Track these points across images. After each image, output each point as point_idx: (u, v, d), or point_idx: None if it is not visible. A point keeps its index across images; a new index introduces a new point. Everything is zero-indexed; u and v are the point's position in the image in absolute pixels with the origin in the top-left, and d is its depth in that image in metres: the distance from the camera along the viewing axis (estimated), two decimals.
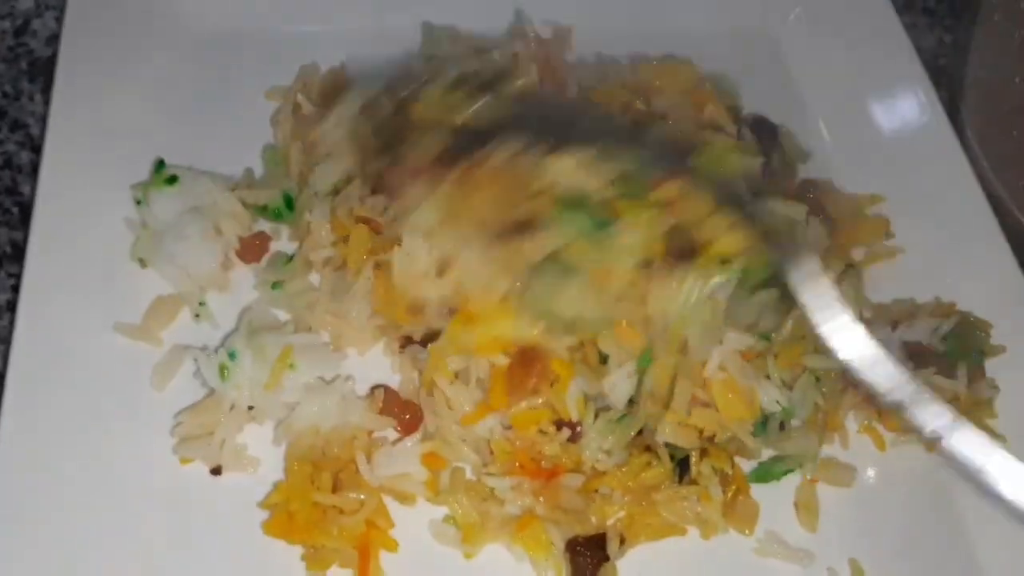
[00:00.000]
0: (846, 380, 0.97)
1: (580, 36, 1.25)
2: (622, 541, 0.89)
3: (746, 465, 0.95)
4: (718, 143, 0.94)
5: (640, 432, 0.89)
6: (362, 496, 0.87)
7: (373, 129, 0.86)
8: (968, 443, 0.73)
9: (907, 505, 0.98)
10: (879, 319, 1.04)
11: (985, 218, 1.12)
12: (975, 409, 0.98)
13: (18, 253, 1.06)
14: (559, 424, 0.89)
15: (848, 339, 0.78)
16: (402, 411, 0.93)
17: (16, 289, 1.03)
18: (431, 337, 0.93)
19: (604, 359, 0.88)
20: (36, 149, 1.13)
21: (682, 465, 0.90)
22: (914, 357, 1.00)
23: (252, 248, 1.02)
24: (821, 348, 0.83)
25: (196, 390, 0.95)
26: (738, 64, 1.26)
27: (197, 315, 0.99)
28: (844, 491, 0.97)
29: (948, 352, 1.00)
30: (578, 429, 0.89)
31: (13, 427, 0.89)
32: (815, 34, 1.32)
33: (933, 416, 0.74)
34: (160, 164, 1.01)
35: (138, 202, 0.99)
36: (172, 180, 0.99)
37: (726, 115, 1.09)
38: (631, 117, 0.97)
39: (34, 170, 1.11)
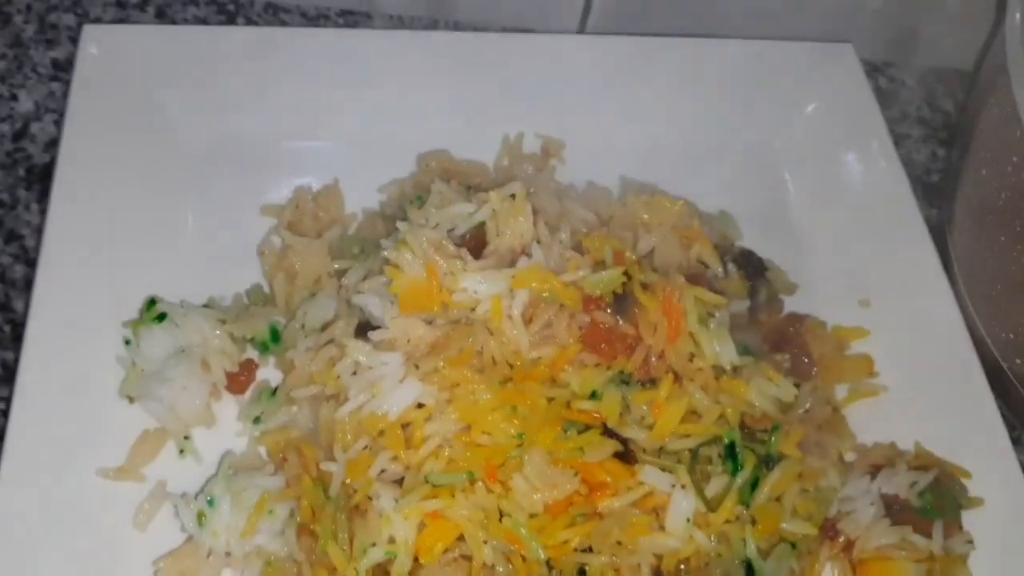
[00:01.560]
0: (824, 533, 0.99)
1: (572, 149, 1.28)
2: None
3: None
4: None
5: None
6: None
7: None
8: None
9: None
10: (860, 465, 1.05)
11: (969, 362, 1.12)
12: (949, 567, 0.99)
13: (8, 374, 1.07)
14: None
15: None
16: None
17: (5, 415, 1.04)
18: None
19: None
20: (30, 263, 1.14)
21: None
22: (891, 511, 1.00)
23: (238, 381, 1.03)
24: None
25: (178, 530, 0.96)
26: (726, 183, 1.28)
27: (182, 450, 1.00)
28: None
29: (924, 508, 1.00)
30: None
31: None
32: (809, 152, 1.32)
33: None
34: (151, 303, 1.02)
35: (127, 342, 1.00)
36: (162, 317, 1.00)
37: (713, 253, 1.10)
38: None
39: (27, 285, 1.12)
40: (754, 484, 0.93)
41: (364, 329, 1.00)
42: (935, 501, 1.01)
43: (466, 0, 1.40)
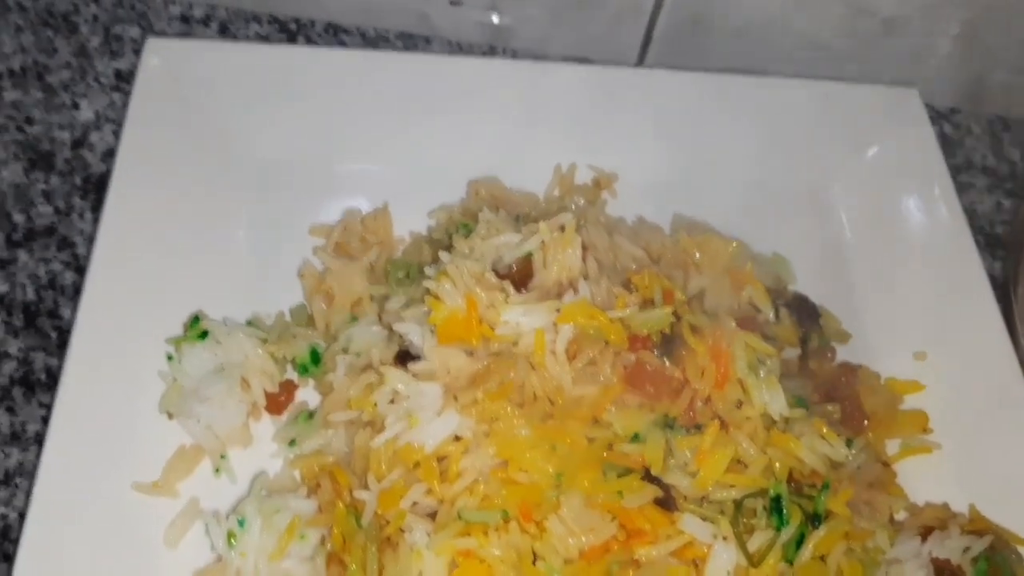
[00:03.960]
0: None
1: (624, 183, 1.26)
2: None
3: None
4: None
5: None
6: None
7: None
8: None
9: None
10: (910, 525, 1.01)
11: None
12: None
13: (52, 381, 1.08)
14: None
15: None
16: None
17: (47, 421, 1.04)
18: None
19: None
20: (80, 270, 1.15)
21: None
22: None
23: (277, 402, 1.03)
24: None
25: (208, 548, 0.95)
26: (782, 224, 1.25)
27: (217, 469, 0.99)
28: None
29: None
30: None
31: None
32: (869, 197, 1.29)
33: None
34: (195, 319, 1.02)
35: (170, 358, 1.00)
36: (204, 335, 1.00)
37: (766, 297, 1.07)
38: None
39: (77, 293, 1.13)
40: (799, 541, 0.89)
41: (404, 356, 0.99)
42: (989, 569, 0.96)
43: (525, 28, 1.39)
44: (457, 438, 0.93)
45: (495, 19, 1.38)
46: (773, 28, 1.34)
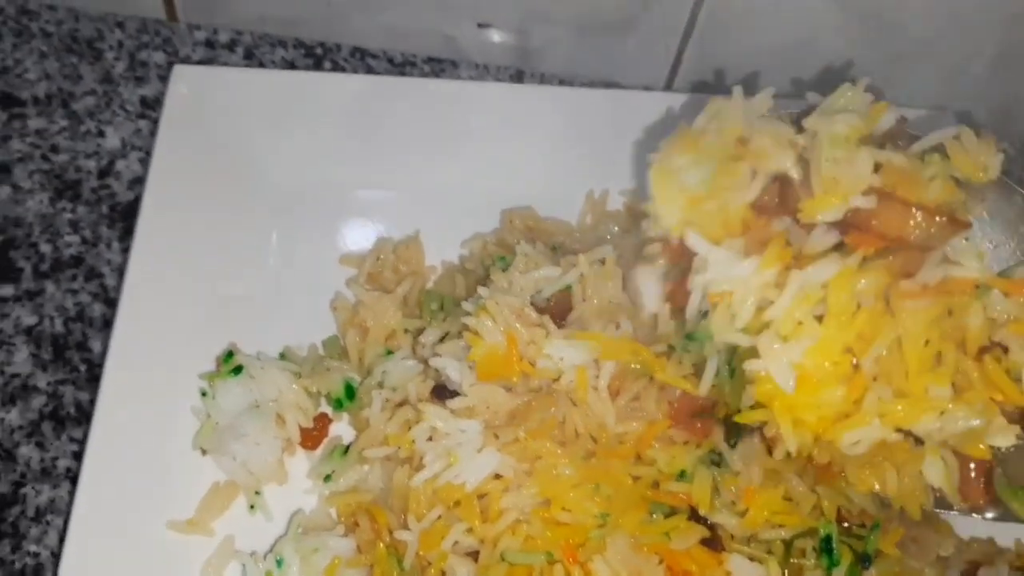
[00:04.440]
0: None
1: None
2: None
3: None
4: None
5: None
6: None
7: None
8: None
9: None
10: (956, 562, 0.99)
11: None
12: None
13: (82, 416, 1.07)
14: None
15: None
16: None
17: (77, 457, 1.03)
18: None
19: None
20: (109, 302, 1.14)
21: None
22: None
23: (311, 437, 1.01)
24: None
25: None
26: None
27: (252, 506, 0.98)
28: None
29: None
30: None
31: None
32: None
33: None
34: (228, 355, 1.01)
35: (204, 394, 0.99)
36: (238, 370, 0.98)
37: None
38: None
39: (106, 324, 1.12)
40: None
41: (440, 391, 0.97)
42: None
43: (553, 52, 1.38)
44: (497, 476, 0.91)
45: (523, 42, 1.37)
46: (804, 51, 1.32)
